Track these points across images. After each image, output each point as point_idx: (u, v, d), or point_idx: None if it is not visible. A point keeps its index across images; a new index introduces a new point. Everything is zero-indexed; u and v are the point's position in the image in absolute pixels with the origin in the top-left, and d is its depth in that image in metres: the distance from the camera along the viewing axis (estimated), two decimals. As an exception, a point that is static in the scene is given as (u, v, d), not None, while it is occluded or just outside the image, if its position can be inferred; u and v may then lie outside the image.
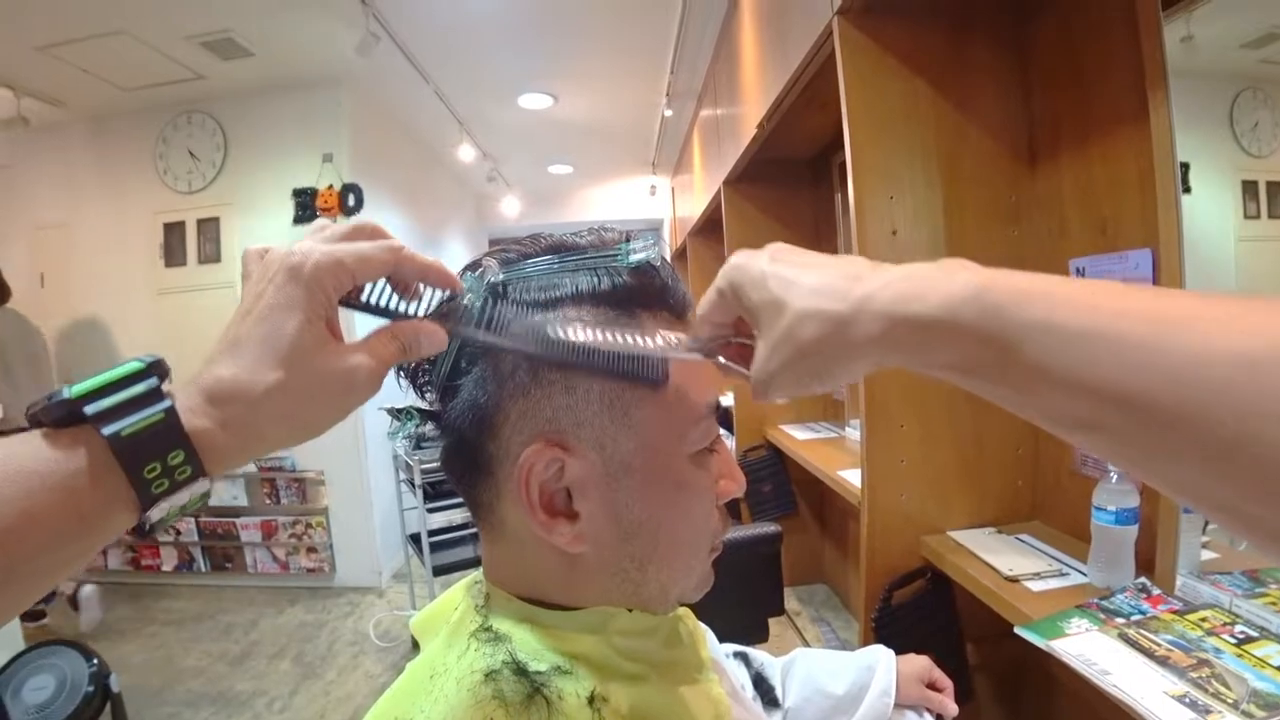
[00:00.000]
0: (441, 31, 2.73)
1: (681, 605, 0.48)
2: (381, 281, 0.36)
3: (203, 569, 3.34)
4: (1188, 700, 0.72)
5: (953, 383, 0.30)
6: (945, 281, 0.28)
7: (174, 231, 3.26)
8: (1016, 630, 0.95)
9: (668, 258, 0.45)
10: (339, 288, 0.33)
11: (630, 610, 0.43)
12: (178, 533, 3.30)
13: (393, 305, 0.37)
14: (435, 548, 2.33)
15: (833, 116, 2.18)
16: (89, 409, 0.28)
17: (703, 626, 0.63)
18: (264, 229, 3.16)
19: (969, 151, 1.31)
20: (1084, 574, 1.09)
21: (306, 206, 3.05)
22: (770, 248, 0.36)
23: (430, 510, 2.30)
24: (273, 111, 3.10)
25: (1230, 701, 0.71)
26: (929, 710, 0.85)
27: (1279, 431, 0.20)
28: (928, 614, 1.37)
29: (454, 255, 5.14)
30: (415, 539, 2.51)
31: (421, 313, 0.38)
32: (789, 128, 2.17)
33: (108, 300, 3.37)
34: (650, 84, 3.45)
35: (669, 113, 3.75)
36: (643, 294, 0.41)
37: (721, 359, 0.39)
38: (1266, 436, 0.20)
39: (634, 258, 0.42)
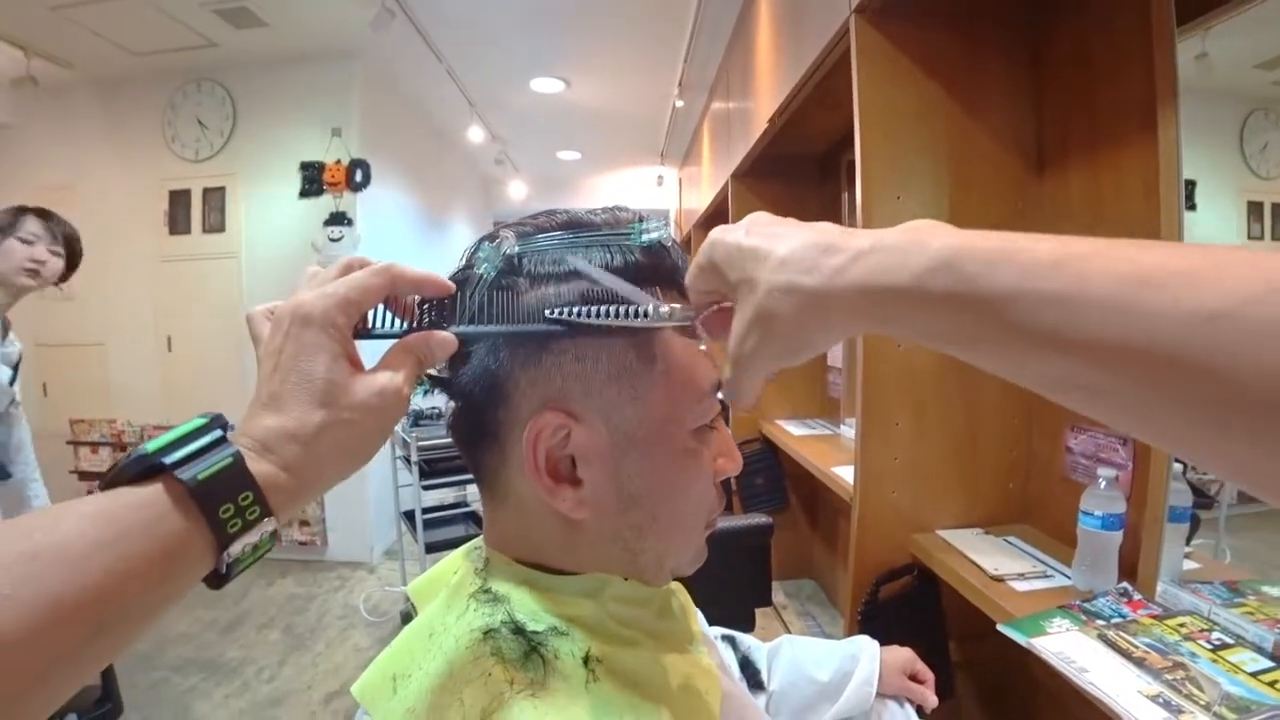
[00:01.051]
0: (456, 10, 2.72)
1: (675, 578, 0.49)
2: (381, 308, 0.39)
3: (195, 537, 3.36)
4: (1161, 700, 0.74)
5: (936, 349, 0.30)
6: (916, 250, 0.28)
7: (179, 199, 3.26)
8: (999, 627, 0.98)
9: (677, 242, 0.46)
10: (349, 322, 0.36)
11: (626, 579, 0.44)
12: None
13: (399, 327, 0.40)
14: (429, 525, 2.35)
15: (843, 115, 2.18)
16: (166, 459, 0.30)
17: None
18: (271, 201, 3.16)
19: (977, 156, 1.32)
20: (1068, 577, 1.11)
21: (314, 180, 3.05)
22: (748, 219, 0.36)
23: (426, 488, 2.32)
24: (283, 83, 3.10)
25: (1202, 704, 0.73)
26: (910, 701, 0.87)
27: (1252, 375, 0.20)
28: (913, 610, 1.39)
29: (459, 236, 5.14)
30: (409, 516, 2.53)
31: (429, 319, 0.40)
32: (799, 125, 2.17)
33: (110, 266, 3.37)
34: (663, 74, 3.44)
35: (680, 103, 3.74)
36: (653, 272, 0.42)
37: (703, 334, 0.41)
38: (1243, 379, 0.20)
39: (646, 237, 0.43)
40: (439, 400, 2.89)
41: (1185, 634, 0.88)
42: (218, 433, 0.32)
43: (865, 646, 0.89)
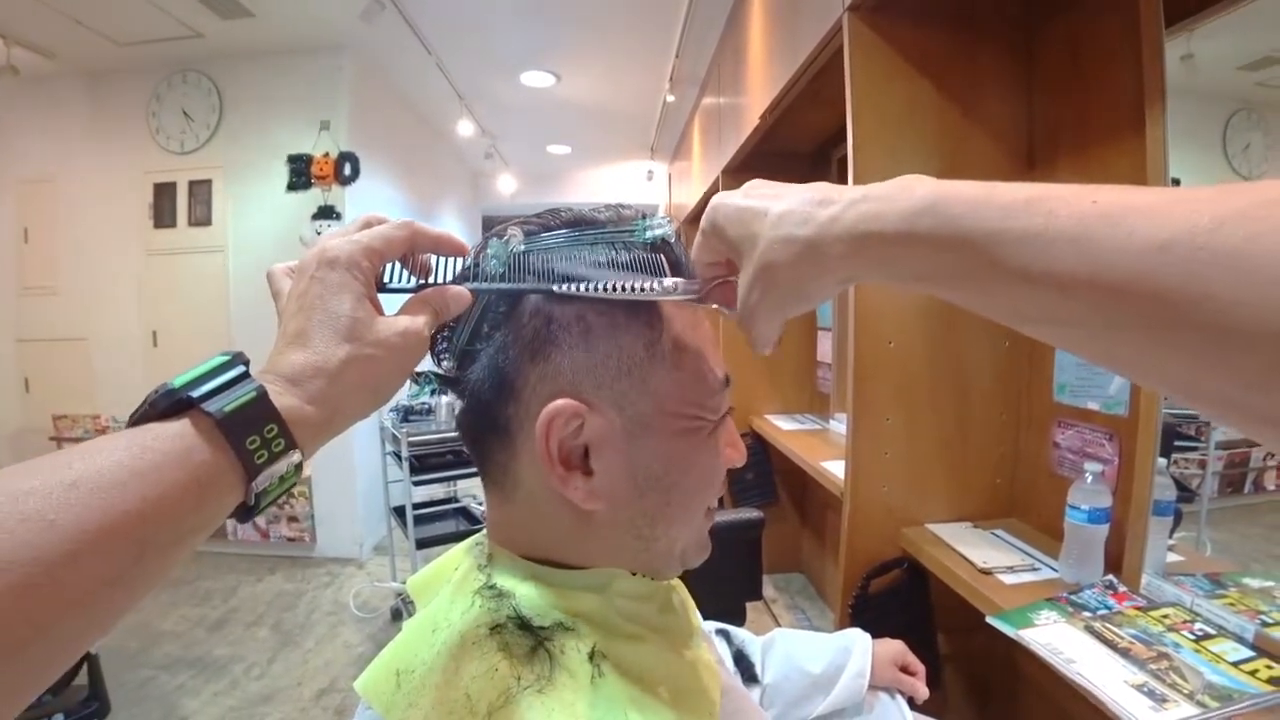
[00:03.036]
0: (446, 2, 2.70)
1: (684, 568, 0.49)
2: (397, 265, 0.41)
3: (182, 534, 3.34)
4: (1146, 689, 0.76)
5: (923, 292, 0.32)
6: (904, 197, 0.30)
7: (164, 192, 3.21)
8: (988, 619, 0.99)
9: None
10: (373, 268, 0.37)
11: (634, 574, 0.44)
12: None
13: (415, 282, 0.41)
14: (419, 521, 2.35)
15: (834, 112, 2.18)
16: (194, 393, 0.31)
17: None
18: (257, 194, 3.13)
19: (969, 153, 1.33)
20: (1055, 569, 1.13)
21: (301, 173, 3.02)
22: (746, 185, 0.39)
23: (416, 483, 2.31)
24: (271, 75, 3.06)
25: (1186, 693, 0.75)
26: (901, 692, 0.89)
27: (1212, 308, 0.21)
28: (903, 603, 1.41)
29: (448, 228, 5.08)
30: (399, 512, 2.52)
31: (443, 281, 0.42)
32: (790, 121, 2.18)
33: (93, 260, 3.32)
34: (654, 68, 3.44)
35: (671, 98, 3.73)
36: (658, 268, 0.43)
37: (715, 305, 0.42)
38: (1189, 303, 0.22)
39: (650, 234, 0.44)
40: (429, 396, 2.88)
41: (1169, 625, 0.90)
42: (240, 368, 0.32)
43: (857, 639, 0.90)
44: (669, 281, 0.40)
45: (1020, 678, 1.36)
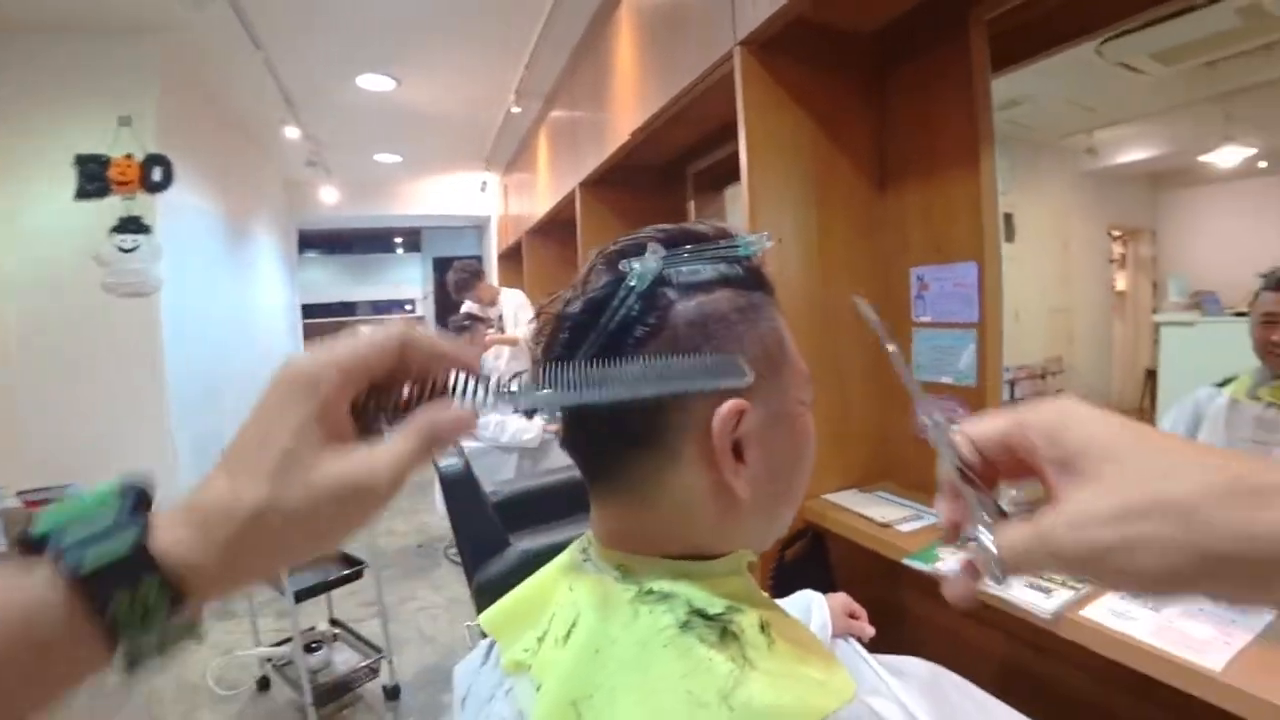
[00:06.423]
0: (281, -6, 2.46)
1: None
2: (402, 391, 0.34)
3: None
4: (1035, 586, 1.00)
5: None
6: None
7: (-118, 200, 2.52)
8: (904, 560, 1.20)
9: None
10: (345, 382, 0.31)
11: (751, 554, 0.50)
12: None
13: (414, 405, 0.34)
14: (293, 568, 2.11)
15: (696, 130, 2.40)
16: (51, 543, 0.26)
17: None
18: (35, 202, 2.57)
19: (837, 178, 1.57)
20: (936, 516, 1.38)
21: (95, 177, 2.54)
22: (1128, 428, 0.30)
23: (288, 525, 2.07)
24: (56, 56, 2.54)
25: (1060, 581, 1.00)
26: (853, 636, 1.05)
27: None
28: (811, 566, 1.61)
29: (261, 248, 4.58)
30: (263, 560, 2.25)
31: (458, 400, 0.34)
32: (656, 138, 2.34)
33: None
34: (501, 78, 3.42)
35: (517, 110, 3.74)
36: (759, 278, 0.49)
37: (984, 537, 0.32)
38: None
39: (752, 248, 0.49)
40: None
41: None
42: (123, 508, 0.28)
43: (813, 598, 1.05)
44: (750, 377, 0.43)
45: (907, 613, 1.63)
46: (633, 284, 0.45)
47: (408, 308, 8.45)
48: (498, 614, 0.51)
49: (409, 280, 9.44)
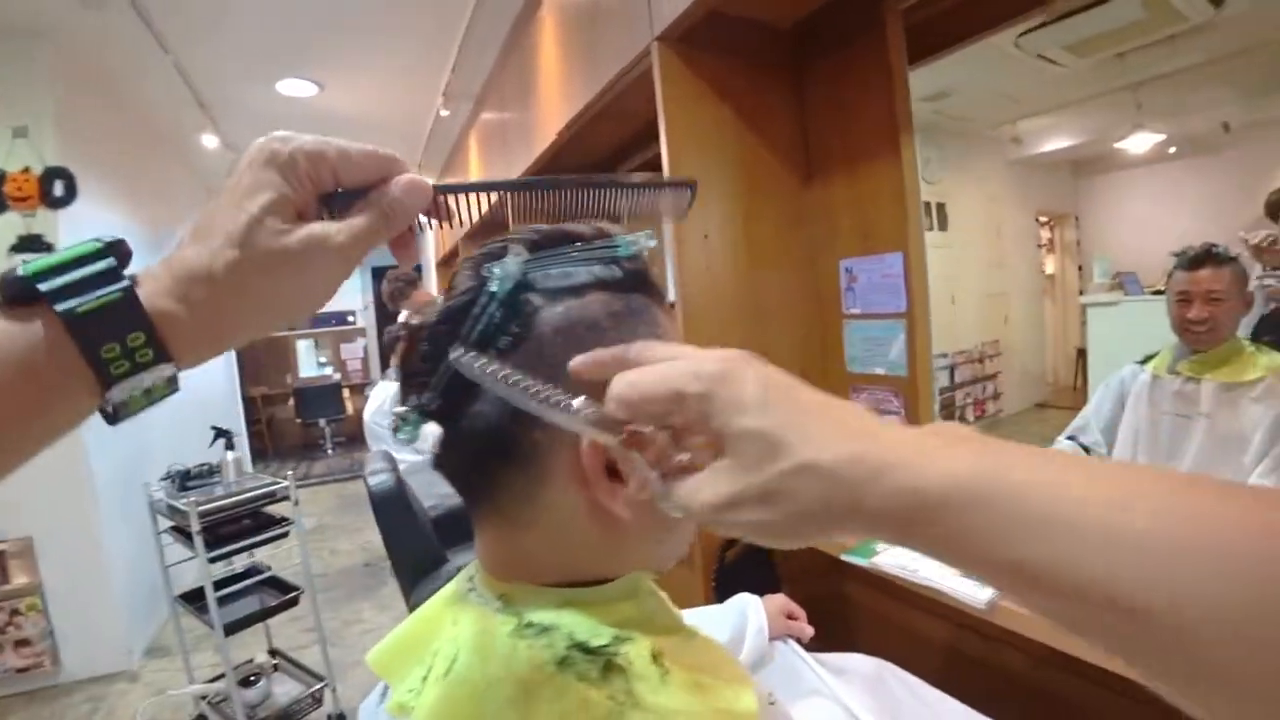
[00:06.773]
0: (187, -6, 2.32)
1: (677, 560, 0.52)
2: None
3: None
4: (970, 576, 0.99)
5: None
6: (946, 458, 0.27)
7: None
8: (842, 556, 1.18)
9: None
10: (316, 176, 0.33)
11: (651, 575, 0.47)
12: None
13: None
14: (221, 602, 1.99)
15: (626, 127, 2.37)
16: (43, 286, 0.27)
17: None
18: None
19: (762, 169, 1.55)
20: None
21: (-14, 196, 2.35)
22: (761, 372, 0.33)
23: (213, 559, 1.96)
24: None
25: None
26: (791, 637, 1.02)
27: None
28: (753, 566, 1.59)
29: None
30: (189, 597, 2.12)
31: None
32: (583, 136, 2.29)
33: None
34: (427, 81, 3.32)
35: (446, 113, 3.64)
36: (640, 281, 0.45)
37: (637, 454, 0.35)
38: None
39: (633, 249, 0.45)
40: (212, 454, 2.43)
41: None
42: (110, 261, 0.29)
43: (749, 601, 1.02)
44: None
45: (853, 606, 1.62)
46: (493, 289, 0.41)
47: (349, 319, 8.20)
48: (383, 652, 0.47)
49: (348, 290, 9.14)
